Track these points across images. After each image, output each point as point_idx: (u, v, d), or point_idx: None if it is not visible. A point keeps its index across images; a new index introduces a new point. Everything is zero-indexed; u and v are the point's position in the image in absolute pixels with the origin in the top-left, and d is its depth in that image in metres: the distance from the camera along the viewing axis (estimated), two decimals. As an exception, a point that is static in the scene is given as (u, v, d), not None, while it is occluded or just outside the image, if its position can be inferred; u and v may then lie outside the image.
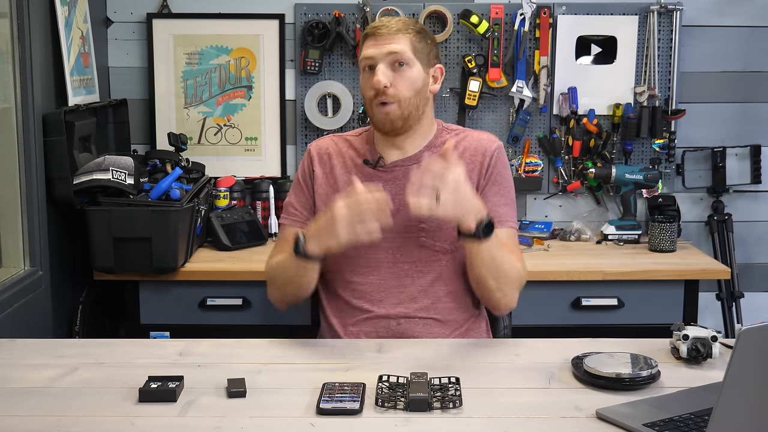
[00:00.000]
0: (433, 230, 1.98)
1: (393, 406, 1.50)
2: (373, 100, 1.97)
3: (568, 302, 2.82)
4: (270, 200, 3.16)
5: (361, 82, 2.01)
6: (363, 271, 2.00)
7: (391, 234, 1.97)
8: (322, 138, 2.13)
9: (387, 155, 2.04)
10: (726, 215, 3.29)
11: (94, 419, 1.49)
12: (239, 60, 3.27)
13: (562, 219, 3.34)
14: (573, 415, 1.49)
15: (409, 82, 1.95)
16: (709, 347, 1.71)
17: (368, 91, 1.97)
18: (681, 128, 3.29)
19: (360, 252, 1.98)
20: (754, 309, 3.31)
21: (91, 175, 2.67)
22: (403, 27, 1.97)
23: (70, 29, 2.80)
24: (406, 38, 1.96)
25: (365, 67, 1.98)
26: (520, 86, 3.22)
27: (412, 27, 1.98)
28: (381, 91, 1.94)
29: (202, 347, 1.86)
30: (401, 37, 1.95)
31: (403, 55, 1.94)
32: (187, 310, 2.80)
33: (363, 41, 2.00)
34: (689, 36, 3.27)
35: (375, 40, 1.96)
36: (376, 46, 1.96)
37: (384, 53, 1.94)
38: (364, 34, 2.01)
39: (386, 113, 1.96)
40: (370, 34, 1.98)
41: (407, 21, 2.01)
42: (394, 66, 1.95)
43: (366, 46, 1.98)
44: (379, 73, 1.93)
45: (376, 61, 1.95)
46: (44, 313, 2.56)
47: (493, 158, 2.02)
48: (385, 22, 1.98)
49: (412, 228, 1.98)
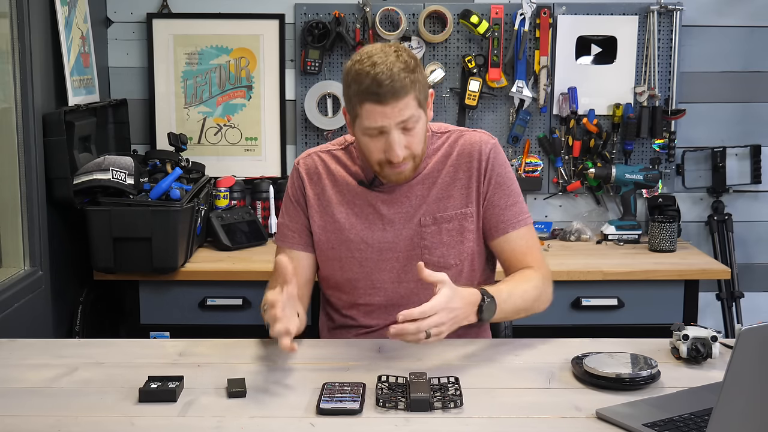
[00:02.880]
0: (435, 246, 1.94)
1: (393, 406, 1.50)
2: (384, 163, 1.84)
3: (568, 302, 2.82)
4: (270, 200, 3.16)
5: (365, 143, 1.84)
6: (368, 293, 1.96)
7: (394, 253, 1.94)
8: (308, 155, 2.01)
9: None
10: (726, 215, 3.29)
11: (94, 419, 1.49)
12: (239, 60, 3.27)
13: (562, 219, 3.34)
14: (573, 415, 1.49)
15: (420, 136, 1.84)
16: (709, 347, 1.70)
17: (377, 154, 1.83)
18: (681, 128, 3.29)
19: (364, 276, 1.95)
20: (754, 309, 3.31)
21: (91, 175, 2.67)
22: (407, 84, 1.77)
23: (70, 29, 2.80)
24: (411, 94, 1.78)
25: (370, 134, 1.82)
26: (520, 86, 3.22)
27: (405, 72, 1.77)
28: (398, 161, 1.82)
29: (202, 347, 1.86)
30: (407, 97, 1.78)
31: (412, 117, 1.80)
32: (187, 310, 2.80)
33: (359, 104, 1.79)
34: (689, 36, 3.27)
35: (381, 109, 1.77)
36: (385, 115, 1.77)
37: (395, 123, 1.79)
38: (361, 98, 1.78)
39: (400, 173, 1.86)
40: (368, 93, 1.76)
41: (402, 67, 1.77)
42: (404, 129, 1.81)
43: (370, 113, 1.78)
44: (396, 146, 1.79)
45: (387, 129, 1.79)
46: (44, 313, 2.56)
47: (489, 160, 1.94)
48: (387, 85, 1.75)
49: (414, 246, 1.94)
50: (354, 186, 1.96)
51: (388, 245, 1.94)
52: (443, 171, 1.95)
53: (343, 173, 1.98)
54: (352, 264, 1.95)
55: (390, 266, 1.95)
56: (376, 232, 1.94)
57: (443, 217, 1.94)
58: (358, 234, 1.95)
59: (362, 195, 1.96)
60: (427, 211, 1.94)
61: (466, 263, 1.95)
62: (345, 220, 1.96)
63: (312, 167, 1.99)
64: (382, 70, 1.76)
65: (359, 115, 1.82)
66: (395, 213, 1.94)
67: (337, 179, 1.98)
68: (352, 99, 1.82)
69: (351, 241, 1.95)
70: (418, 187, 1.95)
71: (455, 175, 1.95)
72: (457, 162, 1.95)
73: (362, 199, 1.95)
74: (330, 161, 1.99)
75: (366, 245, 1.94)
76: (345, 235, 1.95)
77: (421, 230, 1.93)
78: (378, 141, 1.82)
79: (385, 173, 1.88)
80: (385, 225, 1.94)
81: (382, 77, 1.75)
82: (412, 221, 1.94)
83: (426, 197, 1.94)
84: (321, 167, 1.99)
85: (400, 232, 1.94)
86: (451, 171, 1.95)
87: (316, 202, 1.98)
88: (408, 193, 1.95)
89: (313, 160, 2.00)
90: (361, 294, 1.97)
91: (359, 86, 1.78)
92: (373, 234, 1.94)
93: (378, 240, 1.94)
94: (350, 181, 1.97)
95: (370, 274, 1.95)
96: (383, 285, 1.96)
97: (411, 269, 1.90)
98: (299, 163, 2.01)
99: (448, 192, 1.95)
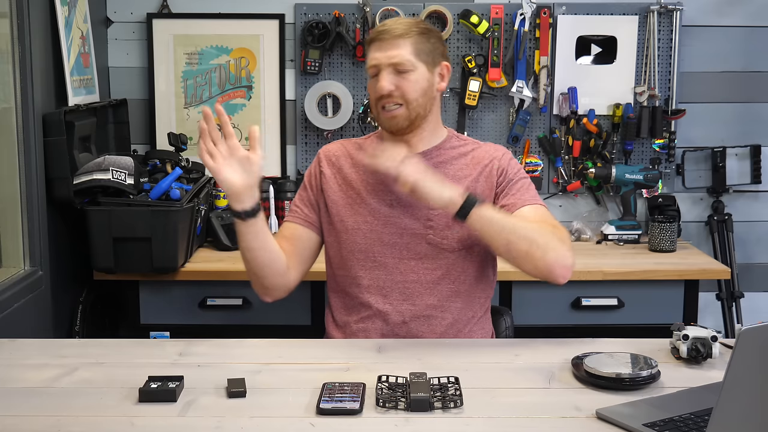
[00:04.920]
0: (440, 228, 1.99)
1: (394, 406, 1.50)
2: (378, 105, 2.00)
3: (568, 302, 2.82)
4: (270, 200, 3.16)
5: (369, 87, 2.04)
6: (369, 266, 2.02)
7: (399, 230, 2.00)
8: (332, 143, 2.16)
9: None
10: (726, 215, 3.29)
11: (94, 419, 1.49)
12: (239, 60, 3.27)
13: (562, 219, 3.33)
14: (573, 415, 1.49)
15: (414, 84, 1.97)
16: (709, 347, 1.71)
17: (373, 95, 2.00)
18: (681, 128, 3.29)
19: (367, 247, 2.01)
20: (754, 309, 3.31)
21: (91, 175, 2.67)
22: (406, 30, 1.97)
23: (70, 29, 2.80)
24: (407, 42, 1.96)
25: (371, 74, 2.00)
26: (520, 86, 3.22)
27: (415, 28, 1.98)
28: (385, 96, 1.96)
29: (202, 347, 1.86)
30: (403, 41, 1.96)
31: (404, 62, 1.95)
32: (187, 310, 2.80)
33: (368, 46, 2.02)
34: (689, 36, 3.27)
35: (378, 46, 1.98)
36: (381, 51, 1.97)
37: (386, 61, 1.96)
38: (369, 38, 2.02)
39: (392, 116, 1.99)
40: (374, 39, 1.99)
41: (410, 23, 2.01)
42: (397, 71, 1.96)
43: (370, 52, 2.00)
44: (383, 79, 1.96)
45: (379, 68, 1.97)
46: (44, 313, 2.56)
47: (502, 162, 2.05)
48: (388, 26, 1.98)
49: (419, 225, 2.00)
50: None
51: (394, 219, 2.01)
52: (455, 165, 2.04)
53: (363, 156, 2.06)
54: (357, 235, 2.02)
55: (393, 241, 2.00)
56: (384, 207, 2.02)
57: None
58: (368, 208, 2.02)
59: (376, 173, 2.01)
60: None
61: (468, 250, 2.00)
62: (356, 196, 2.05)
63: (332, 151, 2.13)
64: (391, 21, 2.03)
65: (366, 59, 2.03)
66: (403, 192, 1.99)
67: (355, 161, 2.09)
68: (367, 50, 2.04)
69: (359, 215, 2.02)
70: None
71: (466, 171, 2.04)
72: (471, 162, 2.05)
73: (375, 176, 2.03)
74: (351, 147, 2.12)
75: (372, 218, 2.02)
76: (355, 209, 2.03)
77: (429, 212, 1.99)
78: (376, 81, 1.98)
79: (381, 118, 2.01)
80: (393, 201, 2.02)
81: (388, 22, 2.02)
82: (420, 204, 1.98)
83: None
84: (341, 151, 2.12)
85: (407, 209, 2.01)
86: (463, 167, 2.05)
87: (333, 179, 2.09)
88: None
89: (334, 146, 2.15)
90: (364, 266, 2.02)
91: (371, 34, 2.02)
92: (381, 208, 2.02)
93: (385, 214, 2.01)
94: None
95: (372, 246, 2.01)
96: (385, 260, 2.01)
97: (414, 247, 2.00)
98: (321, 149, 2.16)
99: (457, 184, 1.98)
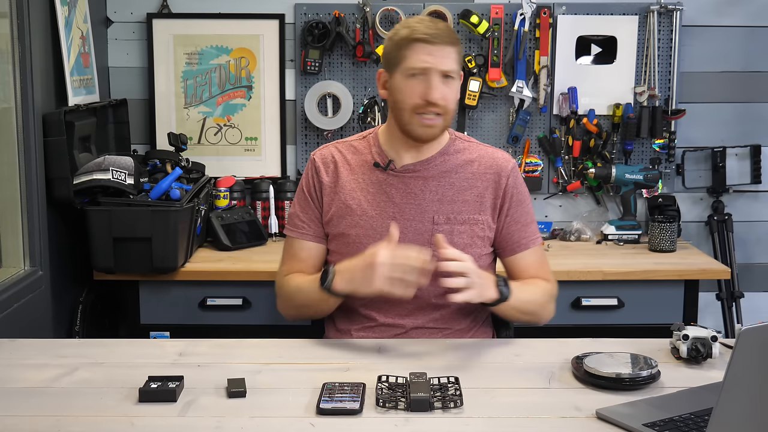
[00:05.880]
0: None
1: (394, 406, 1.50)
2: (417, 109, 1.90)
3: (568, 302, 2.81)
4: (270, 200, 3.16)
5: (402, 87, 1.91)
6: None
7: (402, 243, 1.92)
8: (324, 146, 2.07)
9: (399, 158, 1.99)
10: (726, 215, 3.29)
11: (94, 419, 1.49)
12: (239, 60, 3.27)
13: (562, 219, 3.34)
14: (573, 415, 1.49)
15: (456, 95, 1.93)
16: (709, 347, 1.71)
17: (414, 98, 1.89)
18: (681, 128, 3.29)
19: None
20: (754, 309, 3.31)
21: (91, 175, 2.67)
22: (454, 39, 1.91)
23: (70, 29, 2.80)
24: (455, 51, 1.90)
25: (412, 73, 1.89)
26: (520, 86, 3.22)
27: (455, 36, 1.92)
28: (433, 103, 1.88)
29: (202, 347, 1.86)
30: (452, 50, 1.89)
31: (452, 71, 1.89)
32: (187, 310, 2.80)
33: (409, 44, 1.89)
34: (689, 36, 3.27)
35: (429, 49, 1.87)
36: (432, 55, 1.87)
37: (439, 67, 1.87)
38: (410, 38, 1.89)
39: (431, 125, 1.91)
40: (421, 40, 1.87)
41: (449, 28, 1.94)
42: (444, 79, 1.89)
43: (418, 53, 1.88)
44: (435, 86, 1.87)
45: (430, 72, 1.87)
46: (44, 313, 2.56)
47: (510, 178, 2.01)
48: (435, 30, 1.89)
49: (423, 242, 1.94)
50: (369, 170, 2.00)
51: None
52: (460, 174, 2.00)
53: (360, 160, 2.02)
54: (359, 250, 1.92)
55: None
56: (386, 220, 1.96)
57: (456, 219, 1.98)
58: (369, 221, 1.97)
59: (377, 181, 1.99)
60: (441, 210, 1.98)
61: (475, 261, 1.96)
62: (357, 207, 1.98)
63: (328, 156, 2.04)
64: (429, 22, 1.93)
65: (405, 57, 1.89)
66: (408, 203, 1.97)
67: (353, 167, 2.02)
68: (399, 45, 1.90)
69: (360, 227, 1.98)
70: (433, 183, 1.98)
71: (471, 181, 2.00)
72: (476, 170, 2.01)
73: (376, 186, 1.98)
74: (345, 150, 2.04)
75: (375, 231, 1.96)
76: (356, 221, 1.98)
77: (434, 228, 1.96)
78: (419, 83, 1.88)
79: (416, 125, 1.91)
80: (395, 214, 1.97)
81: (433, 24, 1.91)
82: (424, 217, 1.97)
83: (441, 196, 1.98)
84: (337, 156, 2.04)
85: (410, 224, 1.96)
86: (469, 177, 2.00)
87: (331, 189, 2.01)
88: (423, 187, 1.98)
89: (329, 151, 2.06)
90: None
91: (410, 31, 1.89)
92: (383, 222, 1.96)
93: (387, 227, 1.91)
94: (366, 165, 2.01)
95: None
96: None
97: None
98: (315, 155, 2.07)
99: (462, 196, 1.99)
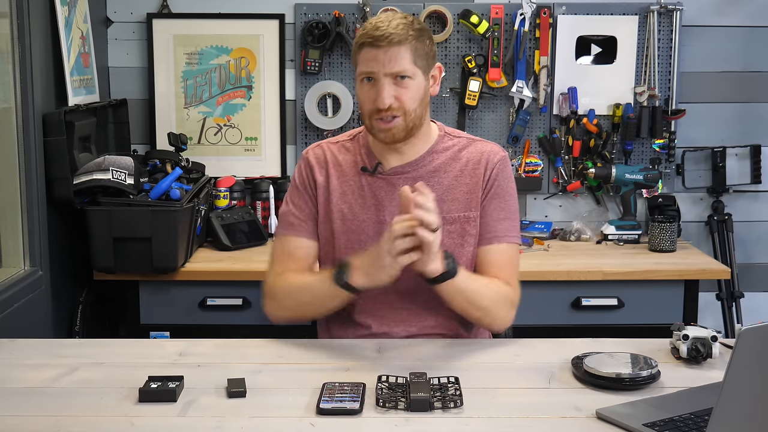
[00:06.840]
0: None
1: (394, 406, 1.50)
2: (374, 115, 1.86)
3: (568, 302, 2.82)
4: (270, 200, 3.16)
5: (359, 93, 1.89)
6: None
7: None
8: (316, 145, 2.03)
9: (386, 160, 1.96)
10: (726, 215, 3.29)
11: (94, 419, 1.49)
12: (239, 60, 3.27)
13: (562, 219, 3.34)
14: (573, 415, 1.49)
15: (413, 93, 1.85)
16: (709, 347, 1.71)
17: (368, 104, 1.86)
18: (681, 128, 3.29)
19: None
20: (754, 309, 3.31)
21: (91, 175, 2.67)
22: (404, 36, 1.82)
23: (70, 29, 2.80)
24: (407, 48, 1.83)
25: (362, 78, 1.86)
26: (520, 86, 3.21)
27: (411, 31, 1.84)
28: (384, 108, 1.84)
29: (202, 347, 1.86)
30: (402, 49, 1.82)
31: (403, 71, 1.83)
32: (187, 310, 2.80)
33: (359, 49, 1.86)
34: (689, 36, 3.27)
35: (374, 53, 1.82)
36: (377, 60, 1.82)
37: (385, 70, 1.82)
38: (359, 42, 1.86)
39: (389, 128, 1.86)
40: (367, 44, 1.83)
41: (404, 24, 1.85)
42: (396, 80, 1.83)
43: (365, 58, 1.84)
44: (383, 91, 1.82)
45: (377, 76, 1.83)
46: (44, 313, 2.56)
47: (494, 170, 1.94)
48: (384, 30, 1.82)
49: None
50: (359, 172, 1.97)
51: None
52: (449, 172, 1.95)
53: (350, 162, 1.99)
54: (347, 254, 1.91)
55: None
56: (376, 224, 1.93)
57: (446, 218, 1.91)
58: (360, 225, 1.94)
59: (365, 184, 1.96)
60: None
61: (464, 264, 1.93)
62: (348, 211, 1.95)
63: (321, 156, 2.01)
64: (384, 20, 1.86)
65: (358, 62, 1.88)
66: (397, 206, 1.93)
67: (343, 169, 1.98)
68: (354, 50, 1.89)
69: (351, 231, 1.94)
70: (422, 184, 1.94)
71: (461, 178, 1.95)
72: (465, 166, 1.95)
73: (365, 189, 1.95)
74: (338, 152, 2.01)
75: (365, 235, 1.93)
76: (346, 226, 1.95)
77: None
78: (370, 90, 1.85)
79: (375, 129, 1.88)
80: (385, 216, 1.92)
81: (381, 25, 1.84)
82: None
83: None
84: (328, 156, 2.00)
85: None
86: (458, 174, 1.95)
87: (323, 190, 1.98)
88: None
89: (322, 150, 2.02)
90: None
91: (360, 35, 1.87)
92: (372, 225, 1.93)
93: (377, 231, 1.91)
94: (356, 167, 1.98)
95: None
96: None
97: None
98: (308, 153, 2.02)
99: (452, 194, 1.94)
